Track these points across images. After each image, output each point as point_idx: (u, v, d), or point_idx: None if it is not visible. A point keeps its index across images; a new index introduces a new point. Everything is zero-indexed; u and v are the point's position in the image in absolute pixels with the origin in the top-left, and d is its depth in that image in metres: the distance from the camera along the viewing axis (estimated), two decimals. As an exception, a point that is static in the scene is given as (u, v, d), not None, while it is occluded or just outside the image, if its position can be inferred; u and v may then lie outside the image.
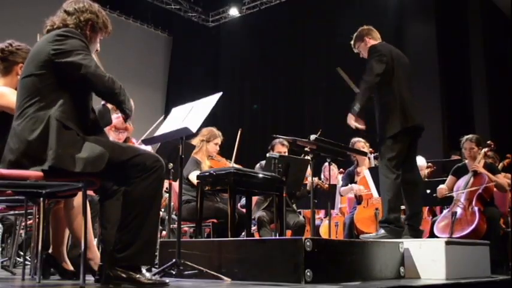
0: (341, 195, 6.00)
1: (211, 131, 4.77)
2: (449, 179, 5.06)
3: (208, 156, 4.76)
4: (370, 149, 5.64)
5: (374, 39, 4.08)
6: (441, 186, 5.02)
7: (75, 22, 2.47)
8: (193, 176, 4.42)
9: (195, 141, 4.69)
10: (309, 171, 4.73)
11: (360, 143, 5.54)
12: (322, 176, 6.62)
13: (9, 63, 2.99)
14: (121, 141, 4.35)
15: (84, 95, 2.44)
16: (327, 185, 5.56)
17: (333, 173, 6.31)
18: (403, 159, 3.80)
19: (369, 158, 5.59)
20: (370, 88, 3.86)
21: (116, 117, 4.31)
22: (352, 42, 4.20)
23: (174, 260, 2.83)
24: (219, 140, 4.81)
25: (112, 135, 4.33)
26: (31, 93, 2.32)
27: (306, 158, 4.73)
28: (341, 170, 6.65)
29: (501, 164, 5.41)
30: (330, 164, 4.28)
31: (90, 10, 2.53)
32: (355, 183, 5.60)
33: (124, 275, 2.26)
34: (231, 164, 4.74)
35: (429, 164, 5.98)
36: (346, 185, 5.68)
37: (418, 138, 3.98)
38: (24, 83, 2.37)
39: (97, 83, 2.34)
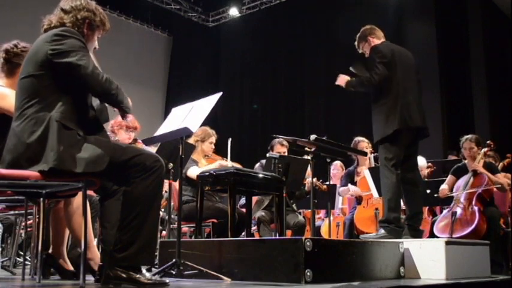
0: (340, 195, 6.00)
1: (205, 131, 4.77)
2: (449, 178, 5.05)
3: (204, 156, 4.77)
4: (372, 150, 5.62)
5: (377, 38, 4.07)
6: (443, 186, 5.01)
7: (72, 21, 2.46)
8: (191, 172, 4.42)
9: (189, 142, 4.69)
10: (308, 171, 4.73)
11: (364, 143, 5.52)
12: (329, 173, 6.55)
13: (14, 64, 2.97)
14: (130, 140, 4.36)
15: (84, 94, 2.44)
16: (325, 186, 5.56)
17: (338, 173, 6.31)
18: (402, 159, 3.80)
19: (370, 158, 5.59)
20: (367, 87, 3.94)
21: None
22: (356, 43, 4.19)
23: (174, 260, 2.83)
24: (213, 139, 4.81)
25: (122, 134, 4.35)
26: (30, 94, 2.32)
27: (306, 158, 4.74)
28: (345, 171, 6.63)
29: (501, 164, 5.41)
30: (329, 164, 4.27)
31: (87, 8, 2.52)
32: (355, 182, 5.60)
33: (124, 275, 2.26)
34: (228, 161, 4.74)
35: (429, 164, 5.98)
36: (346, 184, 5.68)
37: (419, 139, 3.97)
38: (23, 84, 2.36)
39: (94, 84, 2.33)
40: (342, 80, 4.06)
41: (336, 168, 6.35)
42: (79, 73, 2.30)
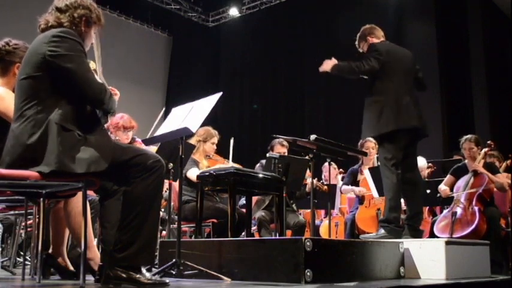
0: (341, 193, 5.99)
1: (207, 131, 4.76)
2: (448, 178, 5.05)
3: (205, 156, 4.76)
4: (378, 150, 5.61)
5: (377, 37, 4.08)
6: (443, 187, 4.99)
7: (69, 20, 2.45)
8: (191, 174, 4.42)
9: (191, 142, 4.68)
10: (308, 172, 4.73)
11: (371, 143, 5.50)
12: (322, 176, 6.62)
13: (6, 63, 2.93)
14: (128, 140, 4.36)
15: None
16: (325, 187, 5.56)
17: (332, 173, 6.31)
18: (401, 160, 3.80)
19: (374, 158, 5.58)
20: (354, 74, 3.95)
21: (120, 117, 4.34)
22: (356, 42, 4.20)
23: (174, 260, 2.83)
24: (215, 139, 4.80)
25: (120, 135, 4.34)
26: (29, 96, 2.31)
27: (306, 158, 4.73)
28: (340, 170, 6.65)
29: (504, 164, 5.40)
30: (330, 164, 4.28)
31: (83, 5, 2.51)
32: (358, 182, 5.59)
33: (124, 275, 2.26)
34: (229, 163, 4.74)
35: (429, 164, 5.98)
36: (348, 183, 5.67)
37: (417, 140, 3.97)
38: (22, 85, 2.36)
39: (88, 92, 2.33)
40: (327, 65, 4.03)
41: (327, 170, 6.35)
42: (74, 79, 2.29)
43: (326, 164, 6.21)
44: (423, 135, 3.96)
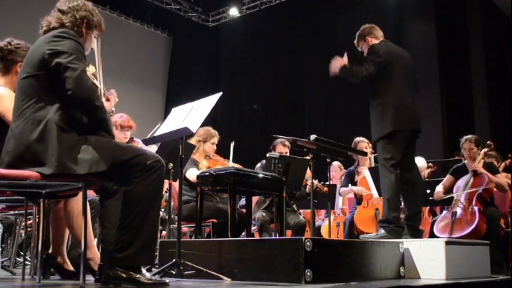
0: (340, 195, 6.00)
1: (207, 131, 4.76)
2: (447, 178, 5.05)
3: (205, 156, 4.76)
4: (372, 150, 5.62)
5: (376, 37, 4.09)
6: (438, 188, 5.00)
7: (71, 20, 2.46)
8: (190, 174, 4.42)
9: (191, 142, 4.68)
10: (309, 173, 4.73)
11: (364, 143, 5.51)
12: (328, 175, 6.58)
13: (8, 62, 2.95)
14: (126, 140, 4.36)
15: None
16: (326, 188, 5.56)
17: (337, 174, 6.31)
18: (400, 159, 3.81)
19: (370, 159, 5.59)
20: (353, 78, 3.98)
21: (119, 116, 4.34)
22: (355, 41, 4.21)
23: (174, 260, 2.83)
24: (215, 140, 4.80)
25: (118, 134, 4.33)
26: (28, 95, 2.31)
27: (306, 158, 4.74)
28: (344, 171, 6.64)
29: (503, 164, 5.40)
30: (329, 164, 4.27)
31: (85, 8, 2.53)
32: (356, 182, 5.60)
33: (124, 275, 2.26)
34: (230, 163, 4.74)
35: (429, 164, 5.98)
36: (347, 184, 5.68)
37: (415, 139, 3.98)
38: (22, 84, 2.36)
39: (77, 90, 2.25)
40: (335, 67, 4.04)
41: (334, 170, 6.36)
42: (66, 75, 2.26)
43: (334, 163, 6.23)
44: (417, 135, 3.97)
